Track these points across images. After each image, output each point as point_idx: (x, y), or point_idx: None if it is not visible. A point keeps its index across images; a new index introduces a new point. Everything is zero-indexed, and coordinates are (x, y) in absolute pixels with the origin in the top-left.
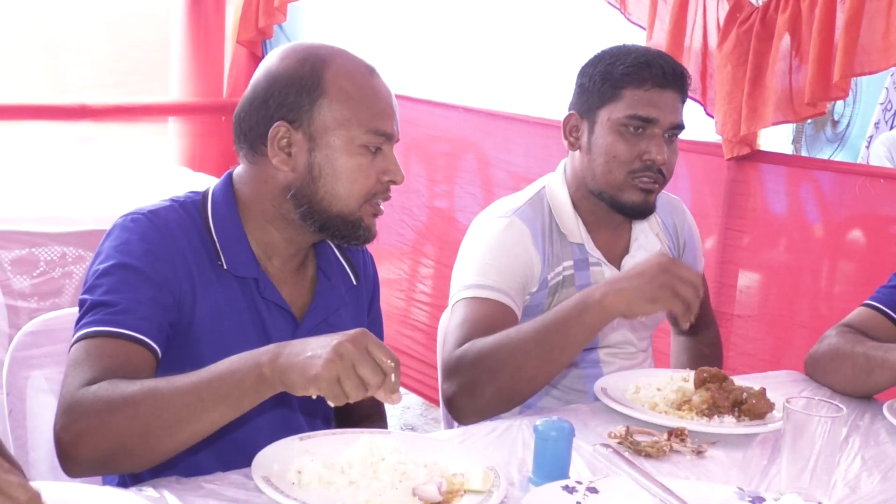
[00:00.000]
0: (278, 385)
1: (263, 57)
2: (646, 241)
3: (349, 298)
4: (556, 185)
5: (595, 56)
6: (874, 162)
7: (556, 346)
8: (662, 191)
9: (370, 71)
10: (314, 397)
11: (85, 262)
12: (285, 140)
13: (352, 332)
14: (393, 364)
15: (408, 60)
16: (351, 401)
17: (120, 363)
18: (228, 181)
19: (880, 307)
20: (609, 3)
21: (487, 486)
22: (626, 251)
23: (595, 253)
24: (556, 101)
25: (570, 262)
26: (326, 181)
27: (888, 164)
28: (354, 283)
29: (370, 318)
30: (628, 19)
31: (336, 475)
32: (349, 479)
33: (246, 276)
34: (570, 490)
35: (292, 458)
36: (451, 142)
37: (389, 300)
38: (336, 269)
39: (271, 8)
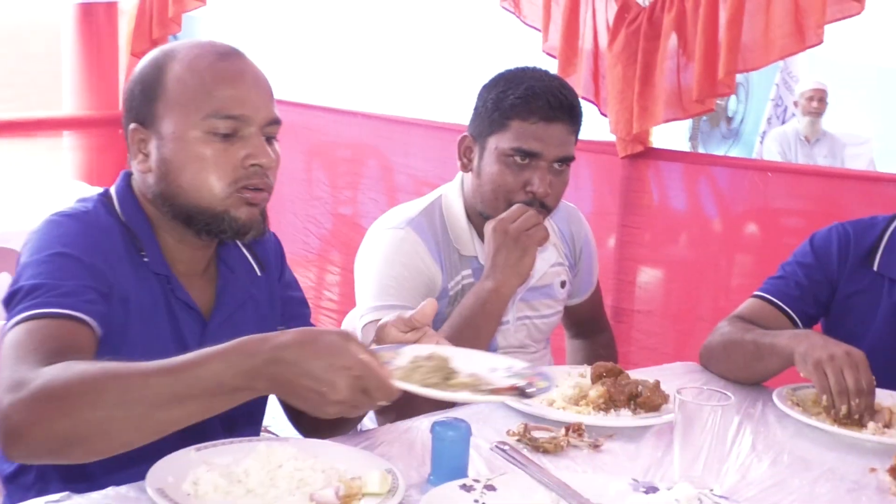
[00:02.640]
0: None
1: None
2: (542, 249)
3: (255, 291)
4: (452, 197)
5: (493, 79)
6: (767, 156)
7: (472, 341)
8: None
9: (221, 54)
10: None
11: None
12: (141, 142)
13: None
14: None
15: (305, 69)
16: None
17: (68, 345)
18: (129, 182)
19: (769, 297)
20: (504, 7)
21: (385, 488)
22: None
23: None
24: (454, 105)
25: (469, 272)
26: (176, 175)
27: (780, 159)
28: (259, 273)
29: (282, 285)
30: (524, 22)
31: (233, 485)
32: (246, 487)
33: (161, 274)
34: (467, 489)
35: (188, 468)
36: (354, 148)
37: None
38: (238, 262)
39: (165, 19)
